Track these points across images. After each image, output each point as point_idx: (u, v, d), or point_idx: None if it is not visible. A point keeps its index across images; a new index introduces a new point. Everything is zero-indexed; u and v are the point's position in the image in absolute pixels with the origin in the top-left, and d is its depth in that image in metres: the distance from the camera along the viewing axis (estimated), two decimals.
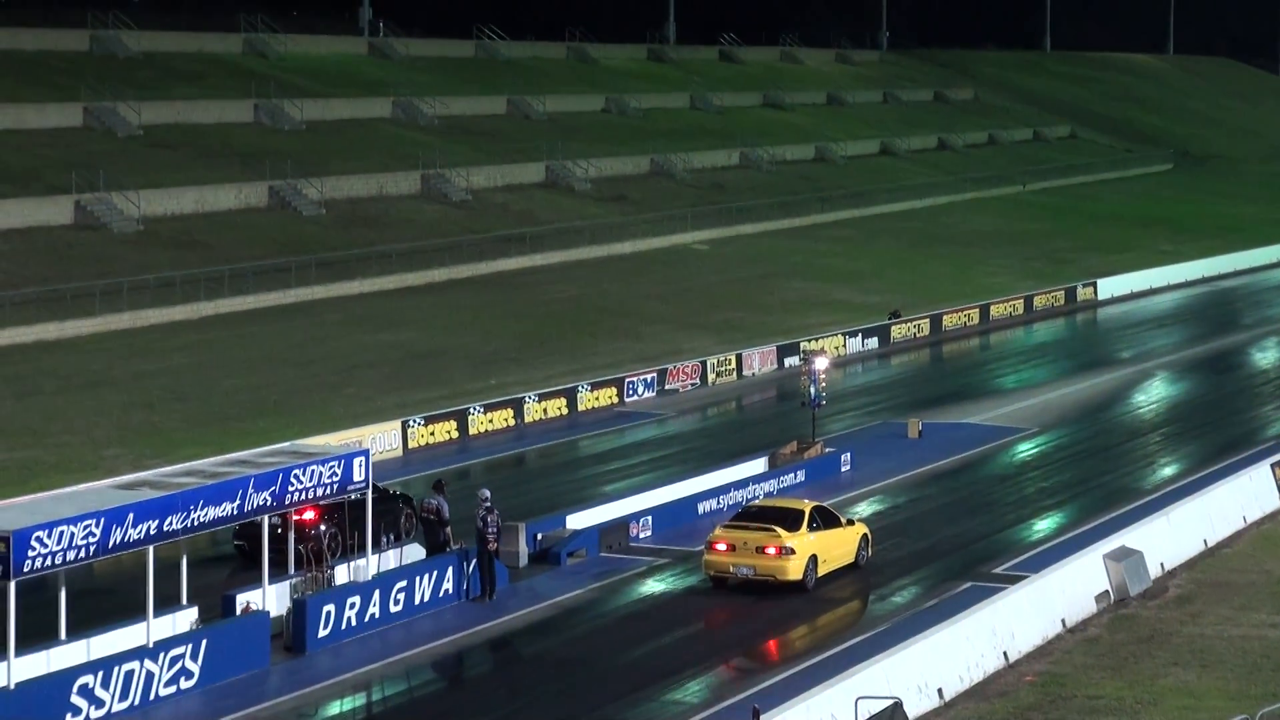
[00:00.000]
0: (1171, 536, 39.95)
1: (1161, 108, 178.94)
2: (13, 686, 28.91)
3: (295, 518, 36.05)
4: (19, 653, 29.45)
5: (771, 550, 37.35)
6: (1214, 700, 30.23)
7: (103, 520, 29.72)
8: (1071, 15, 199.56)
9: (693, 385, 64.12)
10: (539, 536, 40.45)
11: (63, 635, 31.09)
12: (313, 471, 33.80)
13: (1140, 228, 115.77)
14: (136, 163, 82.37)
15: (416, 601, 36.01)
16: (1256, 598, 36.93)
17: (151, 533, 30.57)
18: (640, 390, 61.63)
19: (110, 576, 37.15)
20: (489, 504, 37.20)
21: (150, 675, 30.65)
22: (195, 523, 31.44)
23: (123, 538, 30.11)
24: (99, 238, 75.08)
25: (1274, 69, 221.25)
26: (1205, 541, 41.19)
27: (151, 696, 30.64)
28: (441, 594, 36.57)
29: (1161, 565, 38.83)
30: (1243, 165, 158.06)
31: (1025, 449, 54.12)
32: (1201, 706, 29.84)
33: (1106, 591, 36.52)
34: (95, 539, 29.60)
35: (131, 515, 30.24)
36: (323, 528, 36.95)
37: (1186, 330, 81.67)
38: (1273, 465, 46.12)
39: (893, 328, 75.56)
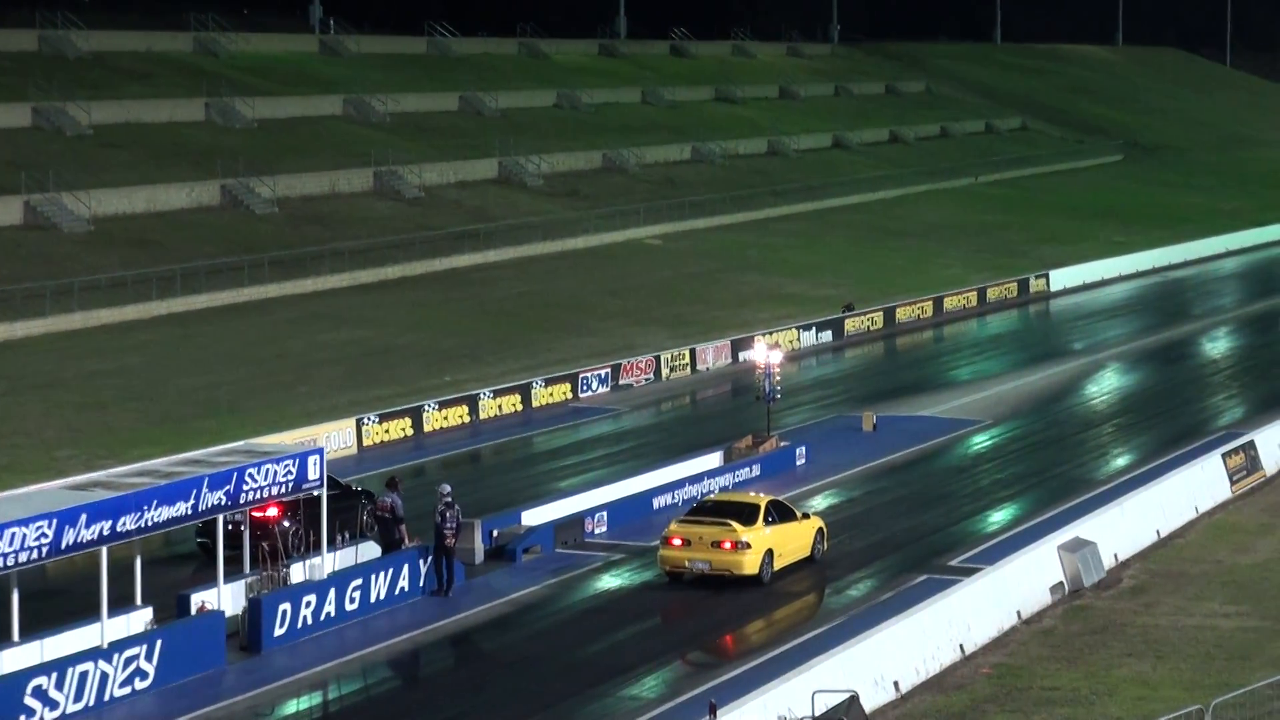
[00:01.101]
0: (1124, 527, 40.12)
1: (1112, 99, 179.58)
2: None
3: (258, 515, 36.02)
4: None
5: (727, 545, 37.39)
6: (1168, 690, 30.38)
7: (55, 521, 29.59)
8: (1022, 7, 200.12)
9: (647, 380, 64.14)
10: (494, 533, 40.43)
11: (16, 637, 30.92)
12: (267, 470, 33.71)
13: (1092, 219, 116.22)
14: (87, 162, 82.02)
15: (372, 599, 35.96)
16: (1209, 588, 37.11)
17: (104, 533, 30.45)
18: (594, 386, 61.61)
19: (64, 577, 36.99)
20: (449, 499, 37.15)
21: (105, 676, 30.53)
22: (149, 523, 31.32)
23: (75, 539, 29.99)
24: (49, 238, 74.74)
25: (1223, 59, 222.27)
26: (1158, 532, 41.38)
27: (106, 697, 30.52)
28: (397, 591, 36.52)
29: (1115, 556, 39.00)
30: (1192, 155, 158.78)
31: (979, 441, 54.28)
32: (1156, 697, 29.98)
33: (1061, 583, 36.66)
34: (48, 540, 29.46)
35: (84, 516, 30.11)
36: (285, 524, 36.91)
37: (1138, 321, 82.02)
38: (1223, 455, 46.35)
39: (846, 321, 75.70)
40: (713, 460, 48.64)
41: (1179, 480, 43.99)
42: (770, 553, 37.88)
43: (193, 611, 33.46)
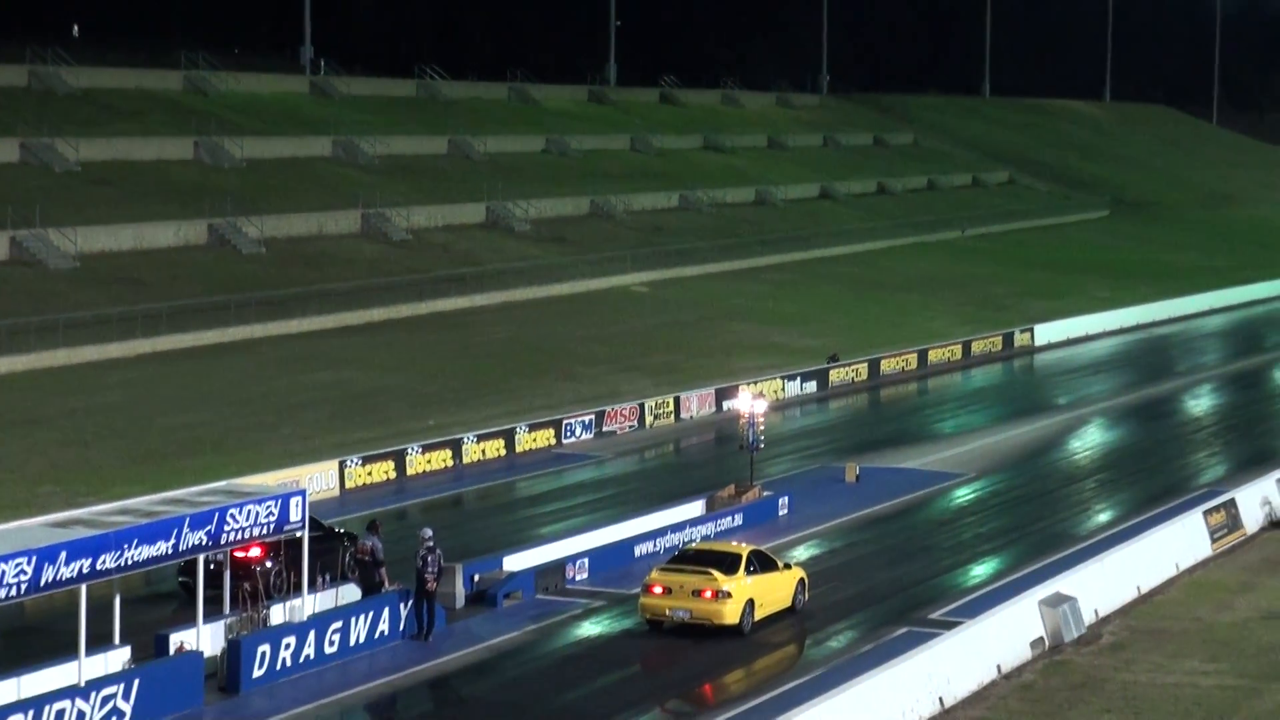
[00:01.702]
0: (1105, 583, 40.12)
1: (1099, 154, 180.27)
2: None
3: (239, 555, 35.95)
4: None
5: (708, 594, 37.33)
6: None
7: (34, 558, 29.49)
8: (1010, 62, 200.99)
9: (631, 427, 64.14)
10: (476, 578, 40.35)
11: None
12: (249, 511, 33.62)
13: (1077, 274, 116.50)
14: (74, 199, 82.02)
15: (352, 642, 35.85)
16: (1189, 645, 37.10)
17: (84, 571, 30.35)
18: (578, 432, 61.59)
19: (42, 615, 36.86)
20: (430, 543, 37.11)
21: (81, 714, 30.40)
22: (129, 561, 31.23)
23: (55, 576, 29.89)
24: (35, 274, 74.70)
25: (1209, 116, 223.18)
26: (1139, 588, 41.37)
27: None
28: (377, 635, 36.42)
29: (1096, 612, 38.99)
30: (1178, 212, 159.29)
31: (962, 494, 54.29)
32: None
33: (1041, 638, 36.63)
34: (27, 577, 29.36)
35: (64, 553, 30.02)
36: (267, 565, 36.81)
37: (1122, 377, 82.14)
38: (1204, 513, 46.37)
39: (831, 371, 75.76)
40: (695, 509, 48.60)
41: (1160, 537, 44.01)
42: (751, 603, 37.83)
43: (171, 651, 33.35)
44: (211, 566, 35.19)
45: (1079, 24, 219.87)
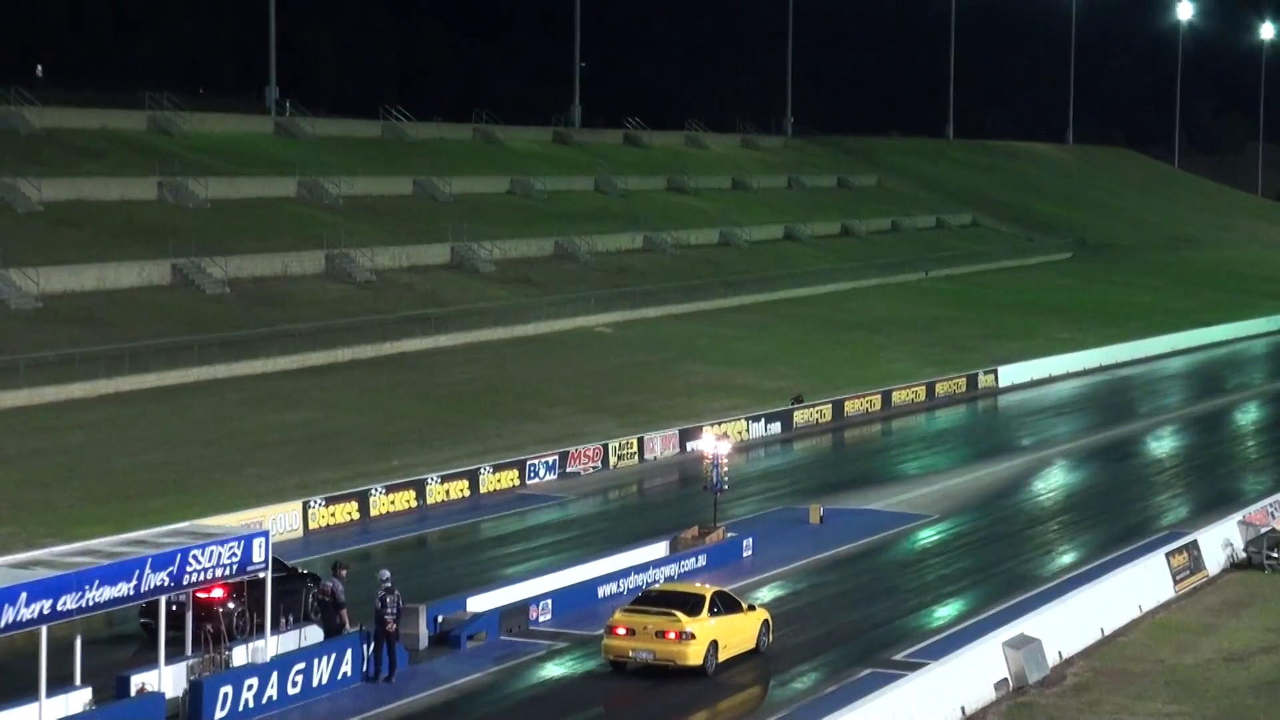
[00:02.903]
0: (1069, 625, 40.18)
1: (1061, 196, 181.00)
2: None
3: (202, 596, 35.83)
4: None
5: (672, 635, 37.30)
6: None
7: None
8: (974, 104, 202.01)
9: (594, 468, 64.09)
10: (439, 619, 40.26)
11: None
12: (212, 552, 33.54)
13: (1040, 315, 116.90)
14: (37, 239, 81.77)
15: (315, 684, 35.73)
16: (1152, 687, 37.17)
17: (45, 612, 30.23)
18: (542, 472, 61.55)
19: (2, 655, 36.65)
20: (388, 584, 37.04)
21: None
22: (90, 603, 31.11)
23: (15, 617, 29.76)
24: None
25: (1170, 159, 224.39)
26: (1102, 630, 41.45)
27: None
28: (340, 676, 36.30)
29: (1059, 653, 39.04)
30: (1140, 254, 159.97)
31: (926, 535, 54.34)
32: None
33: (1005, 679, 36.66)
34: None
35: (25, 595, 29.90)
36: (231, 606, 36.72)
37: (1085, 418, 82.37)
38: (1167, 555, 46.50)
39: (795, 413, 75.83)
40: (659, 550, 48.57)
41: (1123, 579, 44.12)
42: (715, 644, 37.80)
43: (133, 693, 33.21)
44: (174, 607, 35.06)
45: (1042, 67, 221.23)
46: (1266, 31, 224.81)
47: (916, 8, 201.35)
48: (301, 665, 35.58)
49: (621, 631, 37.70)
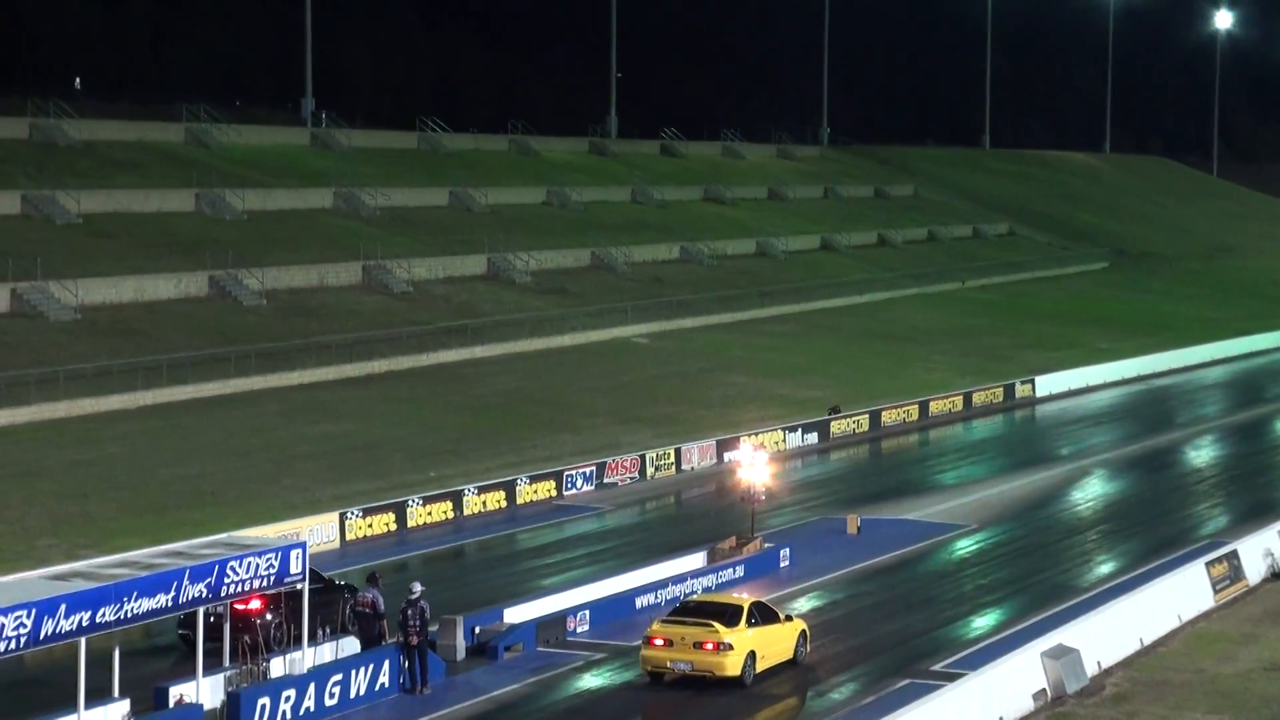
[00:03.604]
0: (1108, 635, 40.02)
1: (1098, 206, 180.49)
2: None
3: (239, 607, 35.89)
4: None
5: (709, 646, 37.24)
6: None
7: (34, 611, 29.44)
8: (1010, 114, 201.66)
9: (631, 479, 64.06)
10: (476, 630, 40.27)
11: None
12: (249, 564, 33.58)
13: (1077, 325, 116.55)
14: (75, 251, 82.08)
15: (352, 695, 35.76)
16: (1191, 697, 36.99)
17: (84, 624, 30.30)
18: (579, 483, 61.53)
19: (41, 667, 36.76)
20: (414, 596, 37.00)
21: None
22: (129, 614, 31.17)
23: (54, 629, 29.83)
24: (35, 326, 74.70)
25: (1208, 168, 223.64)
26: (1141, 640, 41.27)
27: None
28: (377, 688, 36.33)
29: (1098, 664, 38.88)
30: (1177, 263, 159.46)
31: (964, 546, 54.19)
32: None
33: (1044, 690, 36.52)
34: (26, 630, 29.31)
35: (64, 606, 29.97)
36: (269, 617, 36.80)
37: (1123, 428, 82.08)
38: (1207, 564, 46.29)
39: (832, 423, 75.71)
40: (696, 561, 48.52)
41: (1162, 588, 43.92)
42: (753, 654, 37.74)
43: (171, 704, 33.26)
44: (211, 619, 35.11)
45: (1078, 76, 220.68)
46: None
47: (953, 17, 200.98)
48: (339, 676, 35.61)
49: (659, 642, 37.65)
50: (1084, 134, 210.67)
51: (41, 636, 29.69)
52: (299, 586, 35.08)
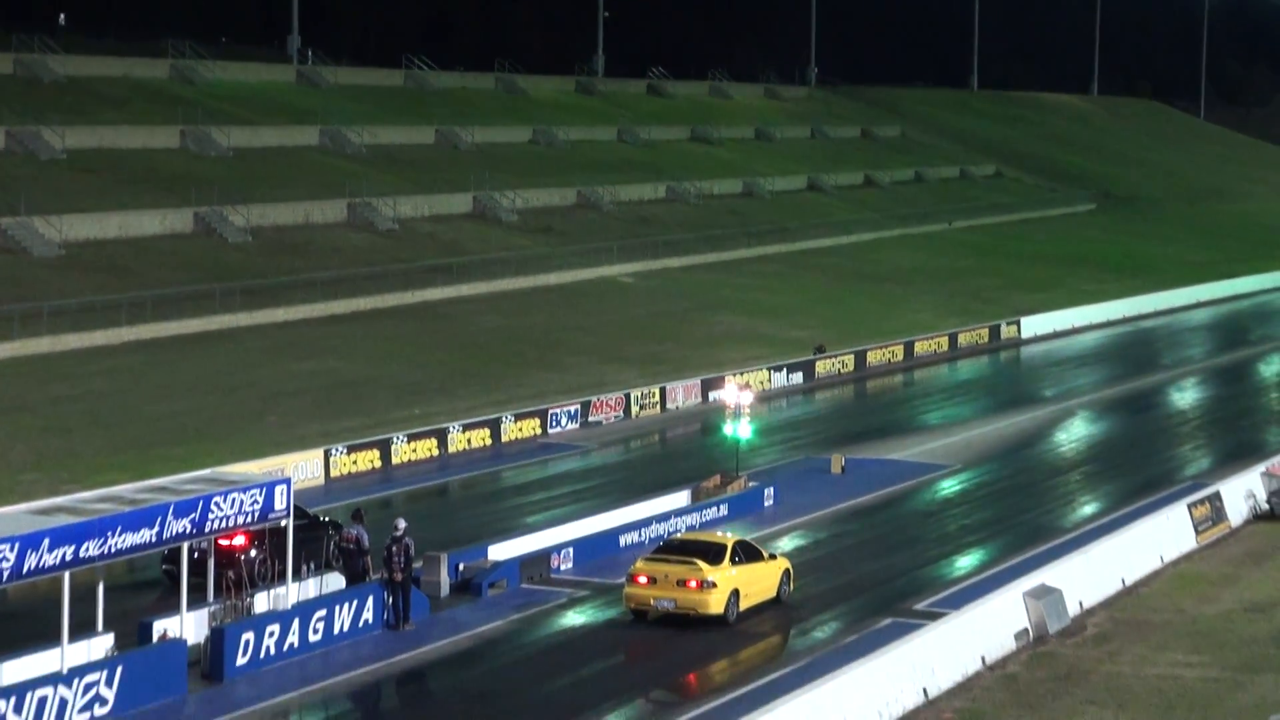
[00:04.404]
0: (1090, 575, 40.15)
1: (1085, 148, 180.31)
2: None
3: (223, 543, 35.91)
4: None
5: (693, 584, 37.31)
6: None
7: (17, 545, 29.43)
8: (999, 55, 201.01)
9: (616, 418, 64.10)
10: (460, 567, 40.33)
11: None
12: (234, 499, 33.58)
13: (1063, 267, 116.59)
14: (59, 187, 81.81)
15: (336, 631, 35.81)
16: (1173, 638, 37.13)
17: (67, 558, 30.30)
18: (564, 422, 61.57)
19: (25, 601, 36.80)
20: (398, 533, 37.01)
21: (64, 701, 30.35)
22: (112, 549, 31.17)
23: (38, 563, 29.83)
24: (19, 262, 74.51)
25: (1197, 112, 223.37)
26: (1123, 580, 41.41)
27: None
28: (361, 624, 36.39)
29: (1080, 604, 39.01)
30: (1164, 206, 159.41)
31: (947, 486, 54.31)
32: None
33: (1026, 629, 36.64)
34: (9, 564, 29.31)
35: (47, 541, 29.96)
36: (253, 553, 36.83)
37: (1107, 369, 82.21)
38: (1189, 505, 46.42)
39: (817, 363, 75.77)
40: (680, 499, 48.59)
41: (1145, 529, 44.05)
42: (736, 593, 37.82)
43: (154, 639, 33.30)
44: (195, 554, 35.14)
45: (1067, 17, 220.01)
46: None
47: None
48: (323, 612, 35.66)
49: (643, 580, 37.72)
50: (1072, 76, 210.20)
51: (25, 570, 29.68)
52: (283, 522, 35.09)
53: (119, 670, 31.33)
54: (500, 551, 41.70)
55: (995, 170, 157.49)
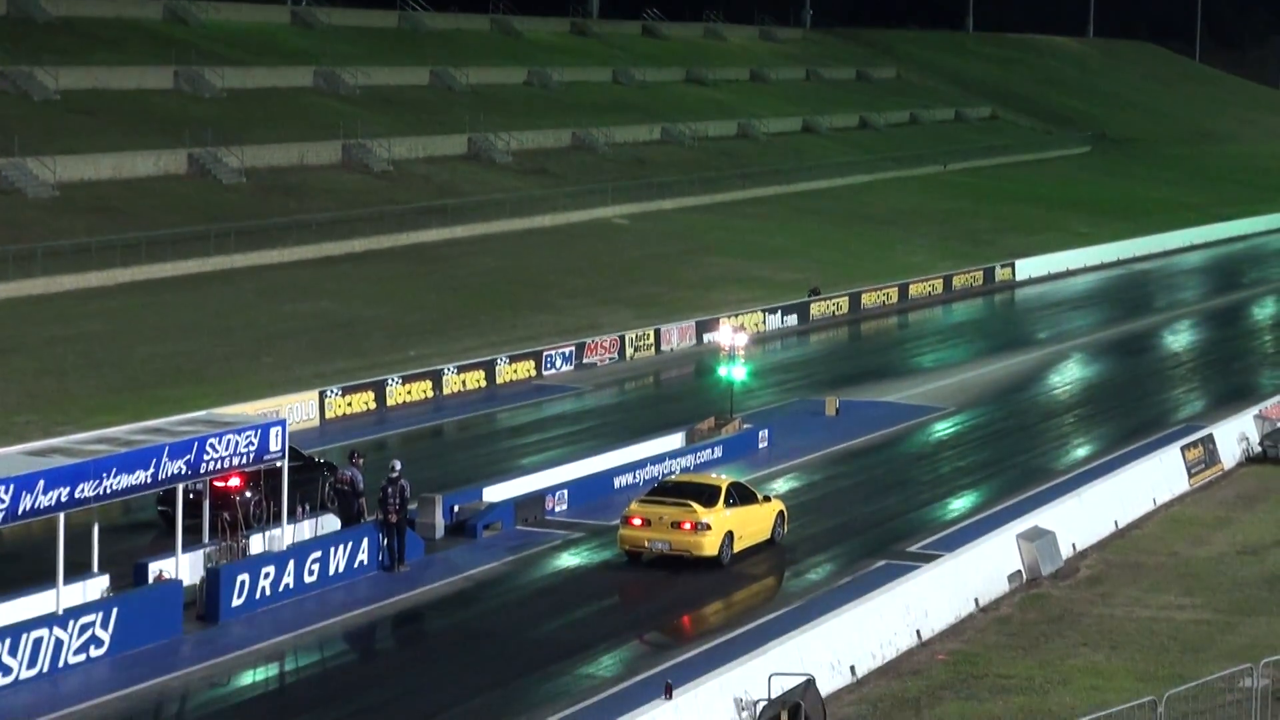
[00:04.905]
0: (1083, 517, 40.26)
1: (1081, 90, 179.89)
2: None
3: (219, 484, 35.95)
4: None
5: (687, 525, 37.38)
6: (1122, 681, 30.48)
7: (12, 486, 29.47)
8: None
9: (611, 360, 64.13)
10: (455, 508, 40.37)
11: None
12: (229, 441, 33.61)
13: (1058, 209, 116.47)
14: (54, 128, 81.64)
15: (331, 572, 35.90)
16: (1165, 579, 37.26)
17: (62, 500, 30.34)
18: (558, 364, 61.59)
19: (20, 543, 36.87)
20: (394, 475, 37.02)
21: (59, 643, 30.43)
22: (108, 490, 31.21)
23: (33, 504, 29.86)
24: (13, 203, 74.40)
25: (1192, 54, 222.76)
26: (1116, 523, 41.52)
27: (60, 664, 30.42)
28: (356, 565, 36.46)
29: (1073, 546, 39.13)
30: (1159, 149, 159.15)
31: (941, 428, 54.38)
32: (1110, 687, 30.07)
33: (1019, 571, 36.77)
34: (4, 505, 29.34)
35: (42, 482, 29.99)
36: (248, 494, 36.86)
37: (1101, 312, 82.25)
38: (1182, 448, 46.52)
39: (812, 305, 75.77)
40: (675, 441, 48.63)
41: (1138, 472, 44.16)
42: (730, 534, 37.90)
43: (150, 580, 33.38)
44: (191, 496, 35.20)
45: None
46: None
47: None
48: (318, 554, 35.73)
49: (637, 522, 37.78)
50: (1068, 18, 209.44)
51: (20, 512, 29.71)
52: (278, 464, 35.12)
53: (114, 611, 31.40)
54: (495, 493, 41.75)
55: (990, 112, 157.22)
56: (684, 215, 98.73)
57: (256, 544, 35.43)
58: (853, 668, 30.70)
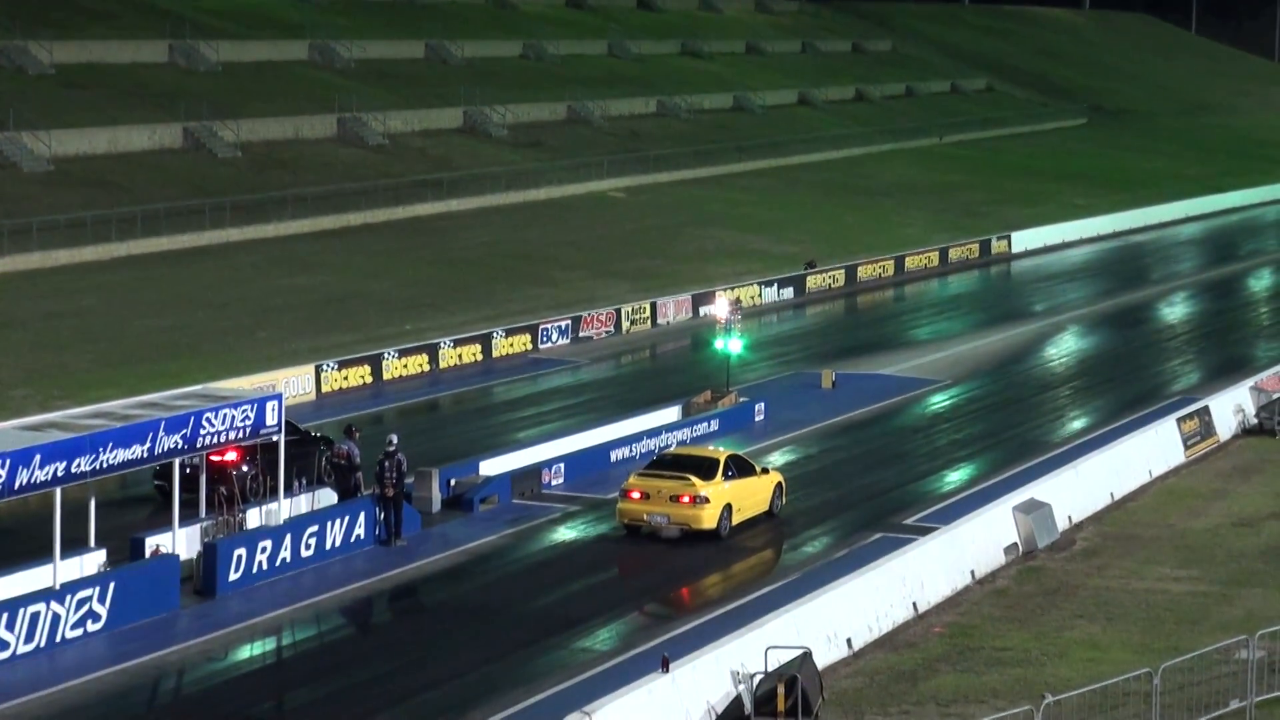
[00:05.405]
0: (1079, 489, 40.29)
1: (1077, 62, 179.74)
2: None
3: (215, 459, 35.95)
4: None
5: (686, 498, 37.41)
6: (1118, 653, 30.53)
7: (8, 461, 29.47)
8: None
9: (607, 333, 64.14)
10: (452, 482, 40.40)
11: None
12: (225, 415, 33.60)
13: (1054, 181, 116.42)
14: (48, 102, 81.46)
15: (328, 546, 35.91)
16: (1161, 551, 37.31)
17: (59, 474, 30.34)
18: (555, 337, 61.59)
19: (16, 518, 36.87)
20: (390, 449, 37.02)
21: (56, 617, 30.46)
22: (104, 465, 31.21)
23: (29, 479, 29.87)
24: (8, 177, 74.27)
25: (1188, 25, 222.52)
26: (1112, 495, 41.57)
27: (58, 639, 30.45)
28: (353, 539, 36.48)
29: (1069, 518, 39.17)
30: (1155, 121, 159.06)
31: (937, 401, 54.41)
32: (1106, 659, 30.13)
33: (1015, 544, 36.81)
34: (1, 480, 29.33)
35: (38, 457, 29.99)
36: (245, 468, 36.85)
37: (1097, 284, 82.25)
38: (1178, 420, 46.55)
39: (808, 278, 75.76)
40: (671, 414, 48.65)
41: (1134, 444, 44.19)
42: (728, 507, 37.93)
43: (147, 554, 33.39)
44: (187, 470, 35.18)
45: None
46: None
47: None
48: (315, 528, 35.75)
49: (636, 495, 37.81)
50: None
51: (16, 486, 29.73)
52: (275, 438, 35.13)
53: (111, 586, 31.42)
54: (492, 467, 41.77)
55: (986, 84, 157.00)
56: (680, 188, 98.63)
57: (253, 518, 35.45)
58: (849, 640, 30.74)
